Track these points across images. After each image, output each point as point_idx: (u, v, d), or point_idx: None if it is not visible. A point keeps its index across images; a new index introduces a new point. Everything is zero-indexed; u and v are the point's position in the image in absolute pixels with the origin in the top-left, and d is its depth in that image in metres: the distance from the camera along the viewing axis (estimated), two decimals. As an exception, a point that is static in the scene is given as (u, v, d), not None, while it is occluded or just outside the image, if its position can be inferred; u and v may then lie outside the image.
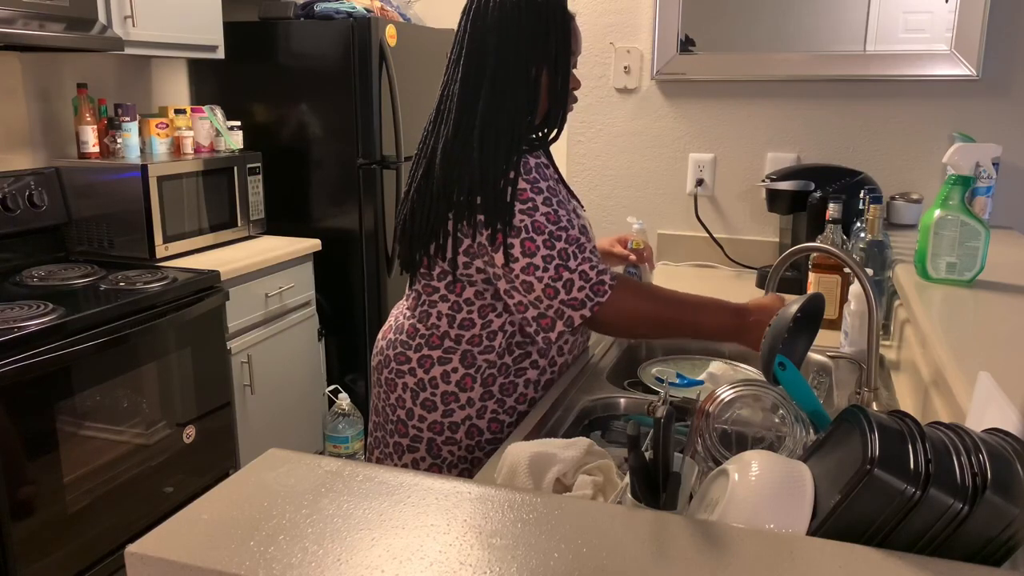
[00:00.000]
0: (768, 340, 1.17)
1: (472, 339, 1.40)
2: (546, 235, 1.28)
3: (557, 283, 1.28)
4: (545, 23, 1.32)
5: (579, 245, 1.29)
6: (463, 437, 1.42)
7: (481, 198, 1.28)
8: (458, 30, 1.37)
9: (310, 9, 3.16)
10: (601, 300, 1.29)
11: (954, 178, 1.47)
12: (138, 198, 2.56)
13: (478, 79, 1.32)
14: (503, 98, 1.31)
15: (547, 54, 1.33)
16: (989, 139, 2.18)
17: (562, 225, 1.29)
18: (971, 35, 2.15)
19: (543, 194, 1.29)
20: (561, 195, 1.34)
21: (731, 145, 2.44)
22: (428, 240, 1.35)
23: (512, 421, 1.43)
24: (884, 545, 0.74)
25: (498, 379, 1.41)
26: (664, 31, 2.41)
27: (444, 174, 1.32)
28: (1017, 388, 0.88)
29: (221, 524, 0.79)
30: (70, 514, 2.09)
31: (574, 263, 1.28)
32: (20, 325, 1.95)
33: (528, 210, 1.28)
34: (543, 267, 1.28)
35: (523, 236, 1.28)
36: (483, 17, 1.32)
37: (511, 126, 1.31)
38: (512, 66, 1.31)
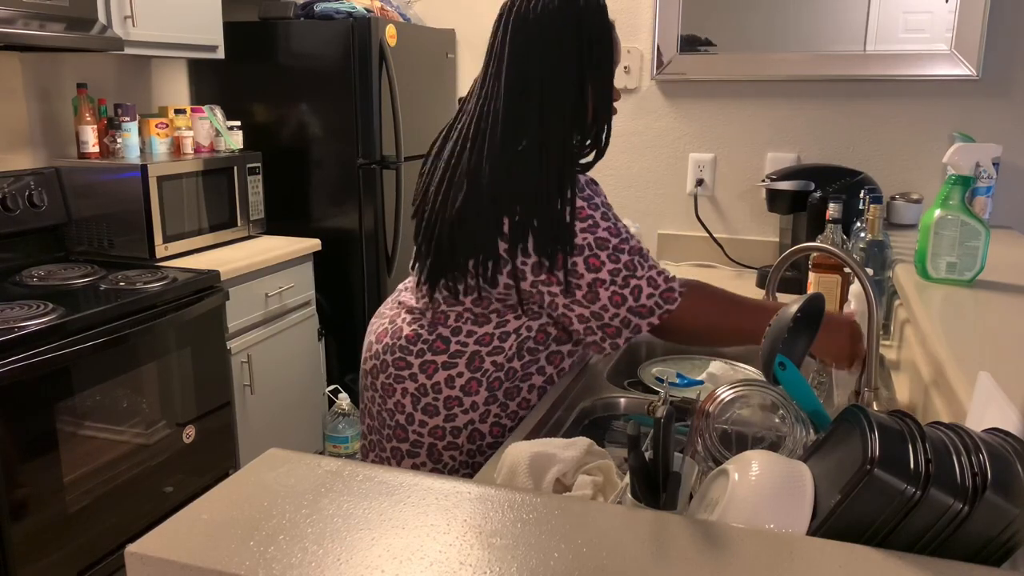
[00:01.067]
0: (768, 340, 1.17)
1: (483, 338, 1.36)
2: (610, 249, 1.26)
3: (624, 290, 1.27)
4: (588, 33, 1.27)
5: (643, 255, 1.29)
6: (465, 441, 1.40)
7: (538, 220, 1.24)
8: (494, 42, 1.32)
9: (310, 9, 3.16)
10: (671, 308, 1.28)
11: (954, 178, 1.47)
12: (138, 198, 2.56)
13: (524, 95, 1.27)
14: (553, 115, 1.27)
15: (592, 66, 1.28)
16: (989, 139, 2.18)
17: (624, 237, 1.28)
18: (971, 35, 2.15)
19: (600, 209, 1.27)
20: (613, 208, 1.34)
21: (731, 145, 2.44)
22: (468, 258, 1.30)
23: (513, 425, 1.42)
24: (884, 545, 0.74)
25: (504, 383, 1.39)
26: (664, 31, 2.41)
27: (495, 194, 1.26)
28: (1017, 388, 0.88)
29: (221, 524, 0.79)
30: (70, 514, 2.09)
31: (641, 271, 1.28)
32: (20, 325, 1.95)
33: (590, 227, 1.26)
34: (610, 280, 1.27)
35: (586, 254, 1.26)
36: (523, 29, 1.27)
37: (563, 144, 1.27)
38: (559, 80, 1.27)
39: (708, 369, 1.59)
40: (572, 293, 1.28)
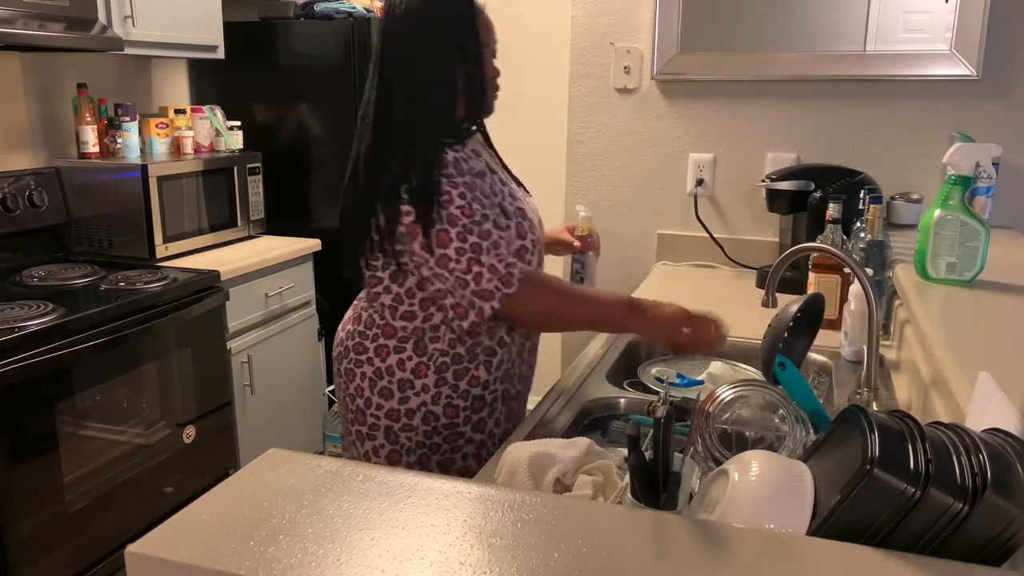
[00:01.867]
0: (768, 340, 1.17)
1: (416, 331, 1.44)
2: (459, 227, 1.33)
3: (467, 275, 1.33)
4: (448, 21, 1.36)
5: (492, 241, 1.34)
6: (419, 423, 1.45)
7: (405, 190, 1.34)
8: (375, 43, 1.44)
9: (310, 9, 3.16)
10: (509, 292, 1.33)
11: (954, 178, 1.47)
12: (138, 198, 2.56)
13: (392, 84, 1.38)
14: (416, 99, 1.36)
15: (456, 51, 1.37)
16: (989, 139, 2.18)
17: (476, 220, 1.33)
18: (971, 35, 2.15)
19: (459, 188, 1.34)
20: (484, 188, 1.38)
21: (731, 145, 2.44)
22: (363, 235, 1.41)
23: (467, 405, 1.46)
24: (884, 545, 0.74)
25: (451, 367, 1.44)
26: (664, 31, 2.41)
27: (368, 176, 1.38)
28: (1017, 388, 0.88)
29: (221, 524, 0.79)
30: (70, 514, 2.09)
31: (486, 257, 1.33)
32: (20, 325, 1.95)
33: (444, 203, 1.33)
34: (455, 259, 1.33)
35: (437, 227, 1.33)
36: (393, 25, 1.38)
37: (427, 124, 1.36)
38: (422, 67, 1.36)
39: (708, 369, 1.59)
40: (428, 265, 1.36)
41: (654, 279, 2.37)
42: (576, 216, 2.28)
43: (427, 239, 1.33)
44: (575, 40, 2.55)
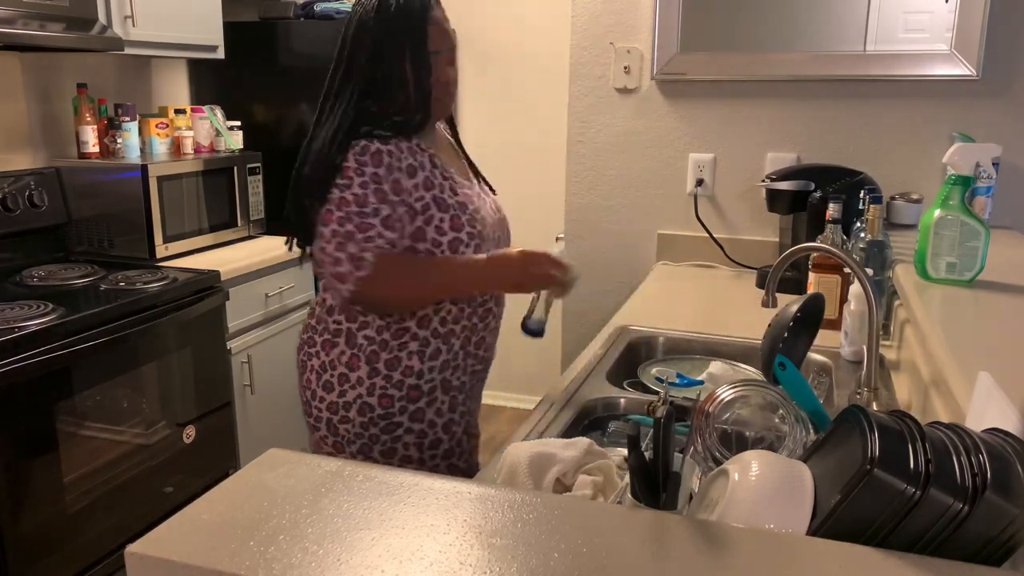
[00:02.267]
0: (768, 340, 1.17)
1: (349, 317, 1.51)
2: (343, 213, 1.40)
3: (331, 256, 1.41)
4: (401, 23, 1.44)
5: (368, 235, 1.40)
6: (356, 415, 1.51)
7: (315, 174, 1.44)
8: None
9: (310, 9, 3.16)
10: (361, 275, 1.40)
11: (954, 178, 1.47)
12: (138, 198, 2.56)
13: (330, 88, 1.50)
14: (345, 97, 1.47)
15: (401, 49, 1.45)
16: (989, 139, 2.18)
17: (364, 211, 1.40)
18: (971, 35, 2.14)
19: (363, 177, 1.40)
20: (402, 185, 1.44)
21: (731, 145, 2.44)
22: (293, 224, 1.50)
23: (403, 395, 1.50)
24: (884, 545, 0.74)
25: (381, 355, 1.50)
26: (664, 31, 2.41)
27: (298, 167, 1.49)
28: (1017, 388, 0.88)
29: (221, 524, 0.79)
30: (70, 514, 2.09)
31: (352, 246, 1.39)
32: (20, 325, 1.95)
33: (342, 186, 1.40)
34: (329, 239, 1.41)
35: (327, 207, 1.41)
36: (351, 24, 1.49)
37: (352, 118, 1.45)
38: (355, 70, 1.46)
39: (708, 369, 1.59)
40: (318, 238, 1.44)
41: (654, 279, 2.37)
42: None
43: (320, 217, 1.42)
44: (575, 40, 2.55)
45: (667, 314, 1.99)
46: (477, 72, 3.80)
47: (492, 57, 3.76)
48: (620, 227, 2.59)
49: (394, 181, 1.43)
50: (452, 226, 1.47)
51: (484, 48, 3.76)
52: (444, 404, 1.55)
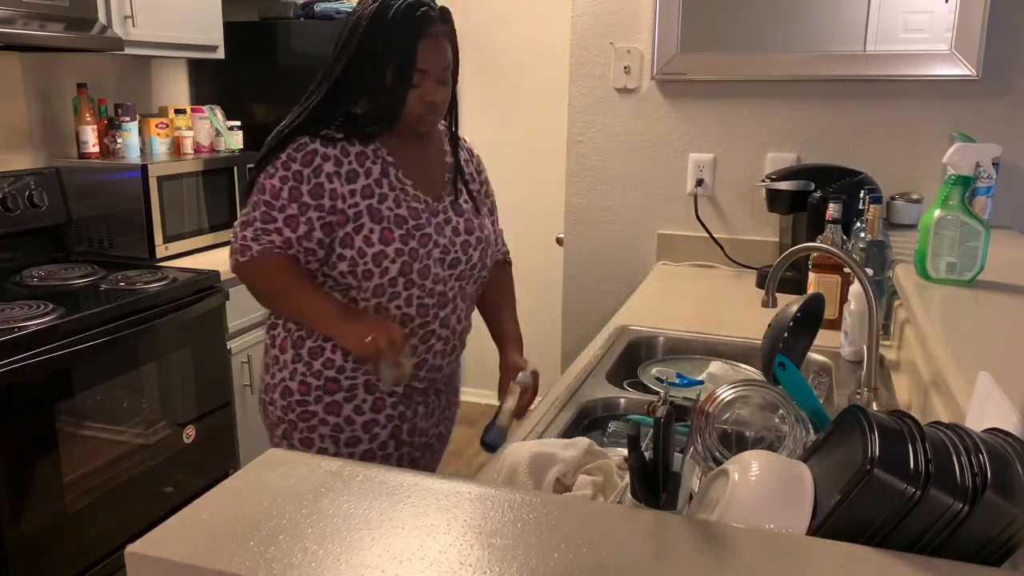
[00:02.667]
0: (768, 340, 1.17)
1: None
2: (256, 198, 1.45)
3: (233, 231, 1.50)
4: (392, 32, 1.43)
5: (265, 225, 1.44)
6: (279, 398, 1.54)
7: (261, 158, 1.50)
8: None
9: (310, 9, 3.16)
10: (239, 260, 1.47)
11: (954, 178, 1.47)
12: (138, 198, 2.56)
13: (316, 79, 1.54)
14: (318, 91, 1.50)
15: (373, 59, 1.44)
16: (989, 139, 2.18)
17: (272, 203, 1.44)
18: (971, 35, 2.14)
19: (287, 172, 1.43)
20: (327, 188, 1.43)
21: (731, 145, 2.44)
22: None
23: (320, 384, 1.51)
24: (884, 545, 0.74)
25: (307, 342, 1.52)
26: (664, 31, 2.41)
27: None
28: (1017, 388, 0.88)
29: (221, 524, 0.79)
30: (70, 514, 2.09)
31: (248, 229, 1.46)
32: (20, 325, 1.95)
33: (268, 173, 1.45)
34: (239, 216, 1.50)
35: (253, 189, 1.48)
36: (339, 33, 1.51)
37: (310, 112, 1.48)
38: (336, 67, 1.49)
39: (708, 369, 1.59)
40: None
41: (654, 279, 2.37)
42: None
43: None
44: (575, 40, 2.55)
45: (667, 314, 1.99)
46: (477, 72, 3.79)
47: (492, 57, 3.76)
48: (620, 227, 2.59)
49: (317, 184, 1.43)
50: (381, 239, 1.45)
51: (484, 48, 3.76)
52: (366, 404, 1.52)
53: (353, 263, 1.46)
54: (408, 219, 1.48)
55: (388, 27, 1.42)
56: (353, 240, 1.45)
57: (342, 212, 1.44)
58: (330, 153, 1.44)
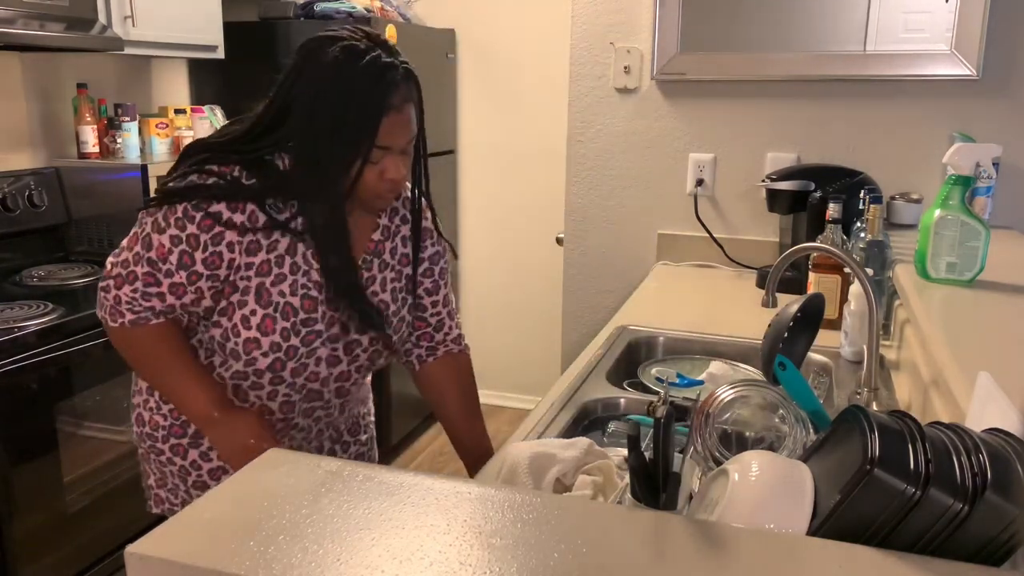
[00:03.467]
0: (768, 340, 1.17)
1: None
2: (140, 249, 1.23)
3: (106, 273, 1.27)
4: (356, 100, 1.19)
5: (146, 288, 1.24)
6: (135, 422, 1.42)
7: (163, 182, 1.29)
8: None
9: (310, 9, 3.17)
10: (109, 323, 1.29)
11: (954, 178, 1.47)
12: (138, 198, 2.56)
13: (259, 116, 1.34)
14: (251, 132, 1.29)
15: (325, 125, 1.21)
16: (989, 139, 2.18)
17: (161, 267, 1.22)
18: (971, 35, 2.14)
19: (183, 233, 1.21)
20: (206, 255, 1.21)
21: (731, 145, 2.44)
22: None
23: (166, 425, 1.37)
24: (884, 545, 0.74)
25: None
26: (664, 31, 2.41)
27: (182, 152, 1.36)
28: (1017, 388, 0.88)
29: (221, 524, 0.79)
30: (70, 514, 2.09)
31: (126, 289, 1.24)
32: (20, 325, 1.95)
33: (156, 224, 1.22)
34: (115, 257, 1.27)
35: (139, 222, 1.26)
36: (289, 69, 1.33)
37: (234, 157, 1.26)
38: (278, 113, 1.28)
39: (708, 369, 1.59)
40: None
41: (654, 279, 2.37)
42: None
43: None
44: (575, 40, 2.55)
45: (667, 314, 1.99)
46: (477, 72, 3.79)
47: (492, 57, 3.76)
48: (620, 227, 2.59)
49: (214, 253, 1.21)
50: (259, 326, 1.24)
51: (484, 48, 3.76)
52: (213, 451, 1.36)
53: (225, 336, 1.27)
54: (299, 311, 1.26)
55: (349, 87, 1.18)
56: (232, 313, 1.25)
57: (232, 283, 1.24)
58: (236, 220, 1.21)
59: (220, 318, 1.27)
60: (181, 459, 1.37)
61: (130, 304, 1.25)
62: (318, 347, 1.29)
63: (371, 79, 1.18)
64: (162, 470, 1.39)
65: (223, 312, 1.26)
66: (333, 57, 1.20)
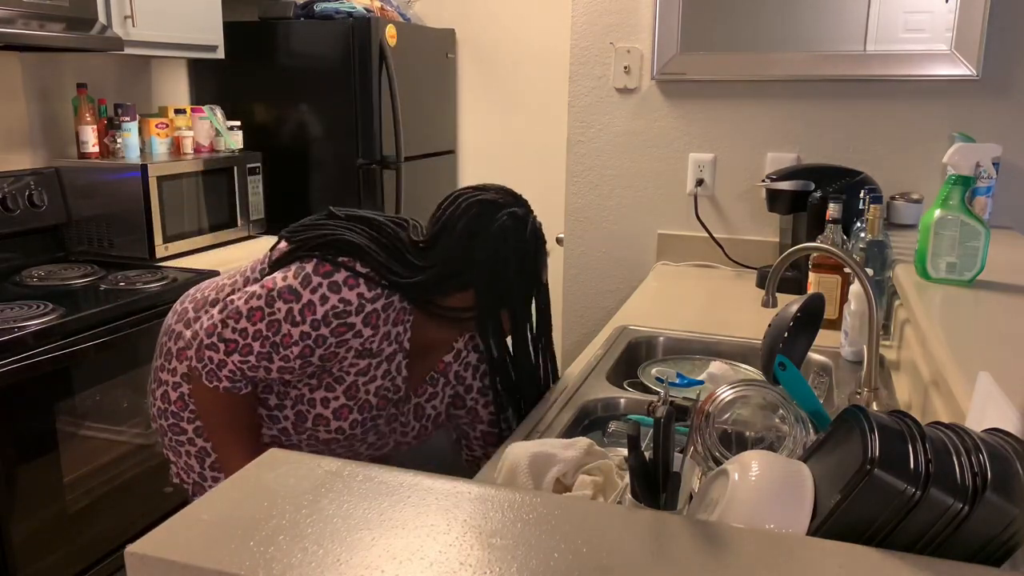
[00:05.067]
0: (768, 340, 1.17)
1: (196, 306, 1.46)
2: (262, 326, 1.26)
3: (209, 336, 1.29)
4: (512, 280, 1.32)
5: (258, 363, 1.28)
6: (159, 398, 1.45)
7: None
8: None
9: (310, 9, 3.16)
10: (203, 379, 1.30)
11: (954, 178, 1.47)
12: (138, 198, 2.56)
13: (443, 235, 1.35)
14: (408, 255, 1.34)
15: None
16: (989, 139, 2.18)
17: (280, 351, 1.26)
18: (971, 35, 2.14)
19: (313, 332, 1.25)
20: (326, 351, 1.28)
21: (731, 145, 2.44)
22: None
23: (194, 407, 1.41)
24: (884, 545, 0.74)
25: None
26: (664, 31, 2.41)
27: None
28: (1017, 388, 0.88)
29: (221, 524, 0.79)
30: (70, 514, 2.09)
31: (235, 357, 1.27)
32: (20, 325, 1.95)
33: (290, 315, 1.25)
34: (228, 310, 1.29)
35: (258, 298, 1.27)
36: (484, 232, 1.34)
37: (393, 278, 1.30)
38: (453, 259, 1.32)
39: (708, 369, 1.59)
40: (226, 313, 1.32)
41: (654, 279, 2.37)
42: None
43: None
44: (575, 40, 2.55)
45: (667, 314, 1.99)
46: (477, 72, 3.79)
47: (492, 57, 3.76)
48: (620, 227, 2.59)
49: (332, 353, 1.29)
50: (335, 411, 1.33)
51: (484, 48, 3.76)
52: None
53: (299, 400, 1.34)
54: (374, 408, 1.36)
55: (521, 264, 1.32)
56: (316, 389, 1.33)
57: (331, 372, 1.32)
58: (365, 333, 1.28)
59: (303, 387, 1.33)
60: (204, 440, 1.43)
61: (233, 372, 1.29)
62: (369, 435, 1.42)
63: (530, 234, 1.33)
64: (178, 448, 1.45)
65: (308, 384, 1.33)
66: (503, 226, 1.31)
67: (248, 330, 1.26)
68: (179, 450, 1.45)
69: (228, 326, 1.27)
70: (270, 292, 1.26)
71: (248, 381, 1.31)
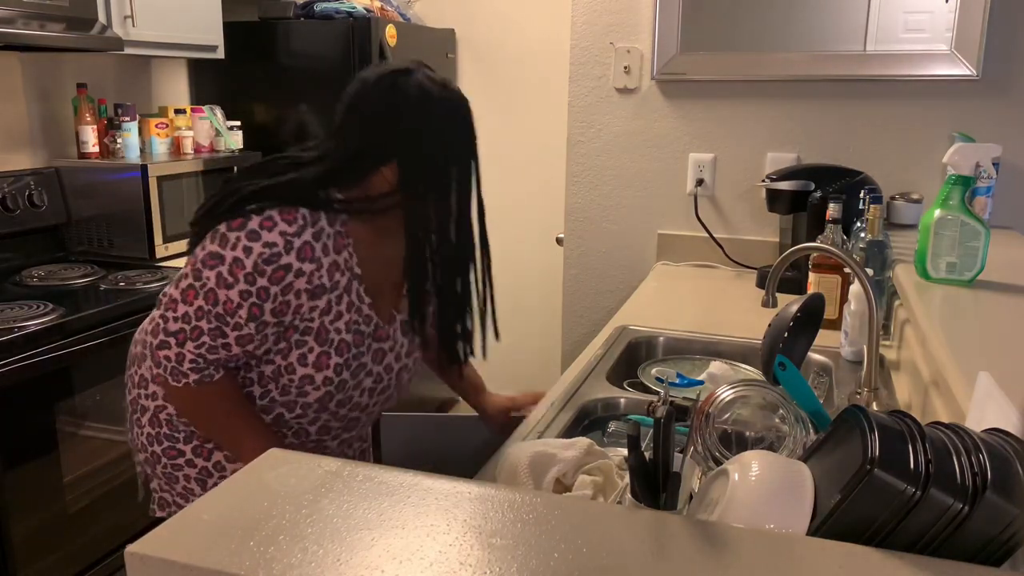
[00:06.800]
0: (768, 340, 1.17)
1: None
2: (203, 303, 1.20)
3: (162, 334, 1.24)
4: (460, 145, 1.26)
5: (213, 342, 1.22)
6: (147, 423, 1.40)
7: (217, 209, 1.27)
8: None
9: (310, 9, 3.16)
10: (170, 381, 1.25)
11: (954, 178, 1.47)
12: (138, 198, 2.56)
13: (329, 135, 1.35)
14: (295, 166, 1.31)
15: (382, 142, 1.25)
16: (989, 139, 2.18)
17: (229, 321, 1.21)
18: (971, 35, 2.14)
19: (252, 287, 1.19)
20: (275, 304, 1.22)
21: (731, 145, 2.44)
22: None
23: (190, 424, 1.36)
24: (884, 545, 0.74)
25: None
26: (664, 31, 2.41)
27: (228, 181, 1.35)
28: (1017, 388, 0.88)
29: (221, 524, 0.79)
30: (70, 514, 2.09)
31: (189, 346, 1.22)
32: (20, 325, 1.95)
33: (221, 278, 1.19)
34: (167, 304, 1.23)
35: (191, 281, 1.22)
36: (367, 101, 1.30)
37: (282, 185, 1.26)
38: (343, 143, 1.30)
39: (708, 369, 1.59)
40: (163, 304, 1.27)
41: (654, 279, 2.37)
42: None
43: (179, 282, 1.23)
44: (575, 40, 2.55)
45: (667, 314, 1.99)
46: (477, 72, 3.79)
47: (492, 57, 3.76)
48: (620, 227, 2.59)
49: (283, 302, 1.22)
50: (315, 363, 1.28)
51: (484, 48, 3.76)
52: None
53: (278, 372, 1.29)
54: (351, 346, 1.31)
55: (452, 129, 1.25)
56: (289, 352, 1.27)
57: (294, 325, 1.26)
58: (305, 269, 1.22)
59: (275, 356, 1.28)
60: (204, 460, 1.36)
61: (194, 361, 1.23)
62: (364, 378, 1.35)
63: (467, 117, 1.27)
64: (175, 473, 1.37)
65: (280, 351, 1.28)
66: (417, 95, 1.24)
67: (189, 313, 1.21)
68: (175, 475, 1.37)
69: (168, 319, 1.23)
70: (195, 267, 1.21)
71: (213, 365, 1.25)
